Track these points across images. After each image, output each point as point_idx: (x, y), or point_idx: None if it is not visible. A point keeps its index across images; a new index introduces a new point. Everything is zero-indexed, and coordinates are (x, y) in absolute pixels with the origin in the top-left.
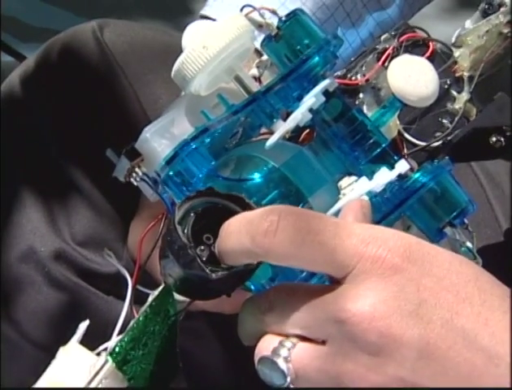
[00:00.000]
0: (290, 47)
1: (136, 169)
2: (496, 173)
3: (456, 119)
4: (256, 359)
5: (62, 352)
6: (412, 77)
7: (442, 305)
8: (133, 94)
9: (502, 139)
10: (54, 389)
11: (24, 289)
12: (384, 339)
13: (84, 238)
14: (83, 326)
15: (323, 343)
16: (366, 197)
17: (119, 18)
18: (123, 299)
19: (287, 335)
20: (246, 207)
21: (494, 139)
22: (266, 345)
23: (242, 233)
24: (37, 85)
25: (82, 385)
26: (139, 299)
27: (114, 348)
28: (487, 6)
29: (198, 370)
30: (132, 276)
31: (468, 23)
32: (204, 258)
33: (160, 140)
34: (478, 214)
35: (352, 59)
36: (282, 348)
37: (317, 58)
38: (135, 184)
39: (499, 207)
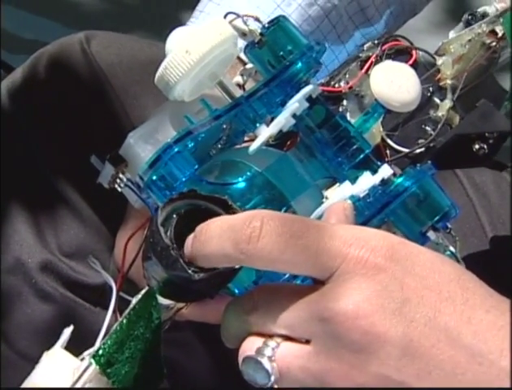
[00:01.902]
0: (273, 53)
1: (121, 175)
2: (482, 183)
3: (439, 126)
4: (240, 359)
5: (46, 356)
6: (394, 83)
7: (425, 303)
8: (120, 106)
9: (485, 146)
10: None
11: (12, 301)
12: (367, 337)
13: (71, 249)
14: (67, 331)
15: (307, 342)
16: (349, 201)
17: (106, 30)
18: None
19: (271, 335)
20: (229, 209)
21: (477, 146)
22: (250, 345)
23: (224, 238)
24: (25, 97)
25: None
26: (125, 309)
27: (97, 351)
28: (470, 17)
29: (184, 379)
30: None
31: (452, 34)
32: (187, 259)
33: (144, 145)
34: (464, 224)
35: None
36: (266, 348)
37: (300, 64)
38: (119, 190)
39: (485, 217)
